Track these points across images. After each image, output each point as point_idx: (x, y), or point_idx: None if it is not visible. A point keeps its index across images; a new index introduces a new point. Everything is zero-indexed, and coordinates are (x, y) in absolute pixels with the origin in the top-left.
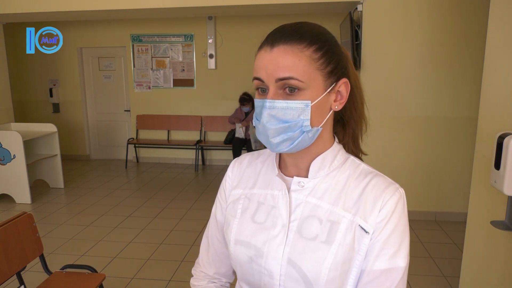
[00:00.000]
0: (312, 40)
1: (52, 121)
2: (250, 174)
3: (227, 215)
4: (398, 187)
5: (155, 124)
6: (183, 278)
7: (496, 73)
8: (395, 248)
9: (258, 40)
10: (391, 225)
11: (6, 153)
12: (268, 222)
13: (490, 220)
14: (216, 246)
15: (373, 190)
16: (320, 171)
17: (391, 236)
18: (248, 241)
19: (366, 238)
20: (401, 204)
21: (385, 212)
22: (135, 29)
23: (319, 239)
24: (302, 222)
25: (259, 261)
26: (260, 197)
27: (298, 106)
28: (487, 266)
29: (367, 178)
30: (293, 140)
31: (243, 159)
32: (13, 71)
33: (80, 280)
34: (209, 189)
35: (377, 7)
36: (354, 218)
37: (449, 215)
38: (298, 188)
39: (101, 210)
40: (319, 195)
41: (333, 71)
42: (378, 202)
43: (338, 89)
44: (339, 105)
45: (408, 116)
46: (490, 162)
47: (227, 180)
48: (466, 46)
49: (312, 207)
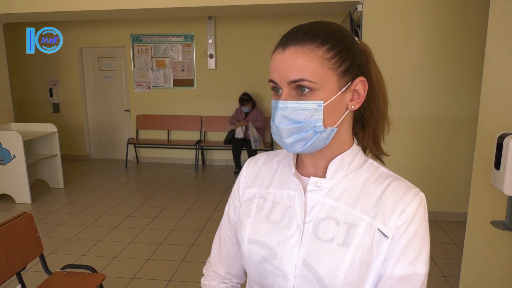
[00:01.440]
0: (325, 39)
1: (52, 121)
2: (265, 174)
3: (241, 214)
4: (419, 191)
5: (155, 124)
6: (183, 278)
7: (496, 73)
8: (415, 254)
9: (258, 40)
10: (412, 230)
11: (6, 153)
12: (284, 222)
13: (490, 220)
14: (228, 246)
15: (393, 193)
16: (338, 172)
17: (411, 241)
18: (262, 241)
19: (385, 242)
20: (422, 208)
21: (406, 216)
22: (135, 29)
23: (336, 241)
24: (319, 223)
25: (273, 261)
26: (275, 196)
27: (311, 106)
28: (487, 266)
29: (387, 181)
30: (307, 141)
31: (259, 159)
32: (13, 71)
33: (80, 280)
34: (209, 189)
35: (377, 7)
36: (373, 221)
37: (449, 215)
38: (314, 189)
39: (101, 210)
40: (336, 196)
41: (348, 70)
42: (398, 206)
43: (355, 88)
44: (356, 104)
45: (408, 116)
46: (490, 162)
47: (241, 179)
48: (466, 46)
49: (329, 208)
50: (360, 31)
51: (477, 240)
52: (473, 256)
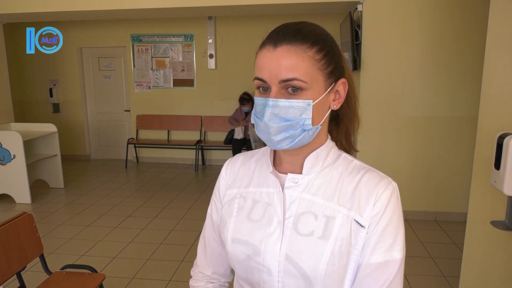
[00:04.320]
0: (315, 41)
1: (52, 121)
2: (244, 174)
3: (223, 215)
4: (391, 181)
5: (155, 124)
6: (183, 278)
7: (496, 73)
8: (390, 241)
9: (258, 40)
10: (386, 218)
11: (6, 153)
12: (264, 220)
13: (490, 220)
14: (213, 246)
15: (367, 184)
16: (314, 167)
17: (386, 229)
18: (245, 239)
19: (362, 232)
20: (395, 197)
21: (379, 205)
22: (135, 29)
23: (316, 234)
24: (298, 218)
25: (256, 258)
26: (255, 195)
27: (301, 105)
28: (487, 266)
29: (360, 173)
30: (294, 138)
31: (237, 159)
32: (13, 71)
33: (80, 280)
34: (209, 189)
35: (377, 7)
36: (350, 212)
37: (449, 215)
38: (292, 185)
39: (101, 210)
40: (313, 191)
41: (333, 72)
42: (372, 196)
43: (337, 88)
44: (337, 104)
45: (408, 116)
46: (490, 162)
47: (221, 180)
48: (466, 46)
49: (307, 203)
50: (360, 31)
51: (477, 240)
52: (473, 256)
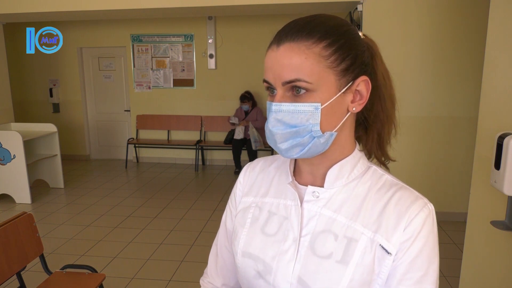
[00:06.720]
0: (323, 34)
1: (52, 121)
2: (262, 181)
3: (236, 224)
4: (427, 202)
5: (155, 124)
6: (183, 278)
7: (496, 73)
8: (421, 273)
9: (258, 40)
10: (418, 246)
11: (6, 153)
12: (279, 235)
13: (490, 220)
14: (225, 256)
15: (398, 205)
16: (338, 180)
17: (417, 258)
18: (256, 255)
19: (388, 259)
20: (430, 221)
21: (411, 230)
22: (135, 29)
23: (334, 257)
24: (316, 237)
25: (267, 277)
26: (272, 206)
27: (307, 109)
28: (487, 266)
29: (391, 191)
30: (303, 146)
31: (256, 165)
32: (13, 71)
33: (80, 280)
34: (209, 189)
35: (377, 7)
36: (375, 236)
37: (449, 215)
38: (312, 199)
39: (101, 210)
40: (335, 208)
41: (348, 69)
42: (403, 218)
43: (357, 88)
44: (357, 106)
45: (408, 116)
46: (490, 162)
47: (238, 186)
48: (466, 45)
49: (327, 221)
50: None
51: (477, 240)
52: (473, 256)
